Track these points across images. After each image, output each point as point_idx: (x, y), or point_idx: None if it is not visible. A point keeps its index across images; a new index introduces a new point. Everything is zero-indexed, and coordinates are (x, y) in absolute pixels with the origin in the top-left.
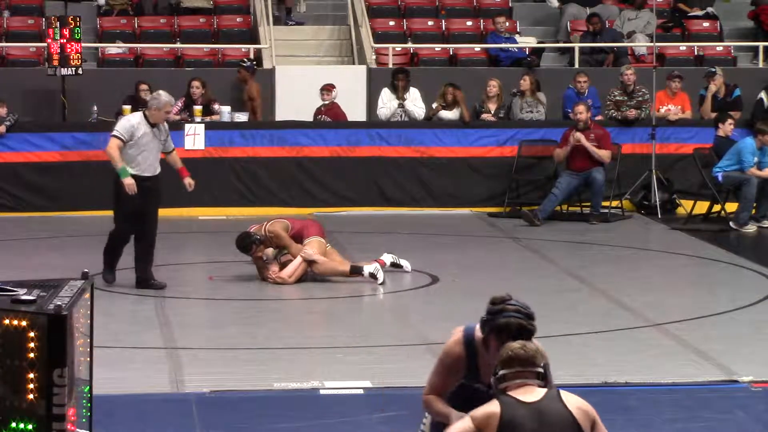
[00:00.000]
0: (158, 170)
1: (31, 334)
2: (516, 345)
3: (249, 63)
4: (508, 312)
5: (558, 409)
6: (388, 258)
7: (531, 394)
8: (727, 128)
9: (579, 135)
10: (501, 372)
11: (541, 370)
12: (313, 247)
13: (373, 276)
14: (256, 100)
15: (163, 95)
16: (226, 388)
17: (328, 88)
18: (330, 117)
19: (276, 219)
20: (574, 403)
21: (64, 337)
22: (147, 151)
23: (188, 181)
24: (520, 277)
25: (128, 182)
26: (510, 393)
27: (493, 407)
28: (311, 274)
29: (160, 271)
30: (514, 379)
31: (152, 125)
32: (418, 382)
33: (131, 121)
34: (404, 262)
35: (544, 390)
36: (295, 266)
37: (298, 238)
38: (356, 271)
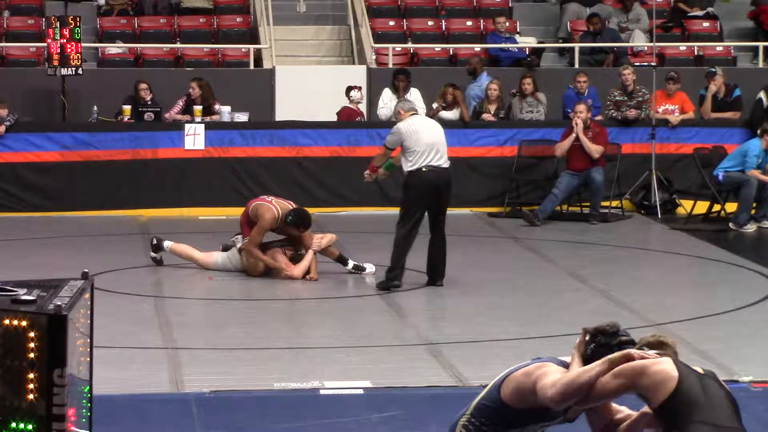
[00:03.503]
0: None
1: (31, 334)
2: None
3: None
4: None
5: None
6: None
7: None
8: None
9: (579, 121)
10: (651, 352)
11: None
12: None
13: (358, 268)
14: None
15: None
16: (226, 388)
17: (359, 89)
18: (362, 117)
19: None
20: None
21: (64, 337)
22: None
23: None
24: (520, 277)
25: None
26: None
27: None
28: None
29: (159, 270)
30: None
31: None
32: (418, 382)
33: None
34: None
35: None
36: (309, 261)
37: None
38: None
